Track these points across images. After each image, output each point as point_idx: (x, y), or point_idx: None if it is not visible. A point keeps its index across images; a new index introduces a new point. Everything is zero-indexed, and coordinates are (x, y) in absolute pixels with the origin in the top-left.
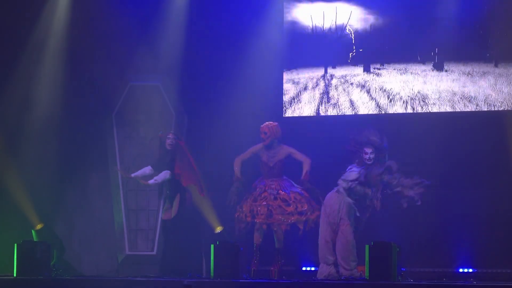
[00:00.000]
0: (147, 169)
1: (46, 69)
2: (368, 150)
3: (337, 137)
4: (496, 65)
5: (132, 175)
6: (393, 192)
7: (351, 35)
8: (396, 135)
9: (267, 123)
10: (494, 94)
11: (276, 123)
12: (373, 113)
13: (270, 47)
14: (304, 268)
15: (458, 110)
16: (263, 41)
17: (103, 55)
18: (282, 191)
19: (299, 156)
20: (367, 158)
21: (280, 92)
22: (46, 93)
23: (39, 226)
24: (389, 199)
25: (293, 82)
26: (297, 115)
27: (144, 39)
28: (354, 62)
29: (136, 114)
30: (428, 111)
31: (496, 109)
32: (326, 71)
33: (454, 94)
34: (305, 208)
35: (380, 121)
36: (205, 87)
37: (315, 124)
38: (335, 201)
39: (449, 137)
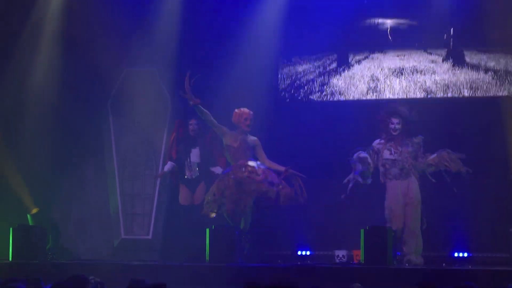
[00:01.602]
0: (170, 164)
1: (42, 56)
2: (395, 120)
3: (335, 122)
4: None
5: (160, 173)
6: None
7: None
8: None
9: (246, 110)
10: None
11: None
12: (371, 98)
13: (267, 33)
14: (299, 253)
15: (454, 95)
16: (261, 27)
17: (99, 41)
18: (249, 165)
19: (261, 155)
20: (393, 128)
21: (278, 78)
22: (42, 80)
23: (34, 211)
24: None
25: (292, 68)
26: (296, 100)
27: (140, 24)
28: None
29: (132, 100)
30: (425, 96)
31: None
32: (323, 57)
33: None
34: (276, 181)
35: (374, 108)
36: (201, 73)
37: (315, 109)
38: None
39: (445, 122)
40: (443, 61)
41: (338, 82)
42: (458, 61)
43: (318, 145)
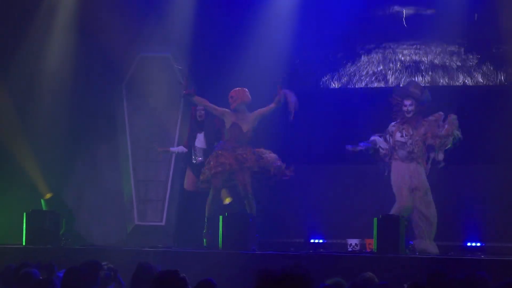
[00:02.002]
0: (181, 148)
1: (56, 39)
2: (407, 102)
3: (347, 109)
4: None
5: (171, 149)
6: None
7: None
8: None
9: (235, 89)
10: None
11: (245, 88)
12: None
13: (280, 20)
14: (312, 240)
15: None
16: (274, 14)
17: (113, 26)
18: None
19: (269, 107)
20: (406, 110)
21: (290, 65)
22: (56, 63)
23: (48, 196)
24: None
25: (304, 56)
26: (308, 88)
27: (154, 9)
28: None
29: (146, 85)
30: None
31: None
32: (335, 45)
33: None
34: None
35: (387, 94)
36: (215, 58)
37: (326, 96)
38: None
39: (457, 111)
40: (465, 53)
41: (349, 72)
42: (483, 54)
43: (330, 132)
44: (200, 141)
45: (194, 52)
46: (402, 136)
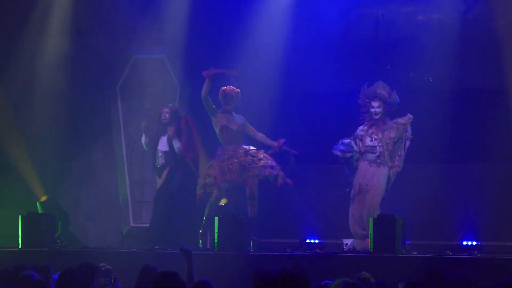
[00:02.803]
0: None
1: (51, 40)
2: (375, 104)
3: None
4: None
5: (143, 136)
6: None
7: None
8: (400, 109)
9: (231, 87)
10: None
11: (239, 90)
12: None
13: (276, 17)
14: (308, 241)
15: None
16: (270, 11)
17: (108, 27)
18: (251, 149)
19: (252, 130)
20: (374, 112)
21: (288, 62)
22: (51, 65)
23: (44, 198)
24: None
25: (301, 54)
26: (301, 92)
27: (148, 11)
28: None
29: (141, 86)
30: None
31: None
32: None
33: None
34: (274, 164)
35: None
36: (210, 59)
37: (320, 99)
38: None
39: (454, 111)
40: (463, 54)
41: (347, 72)
42: (482, 55)
43: (325, 133)
44: (163, 144)
45: (188, 54)
46: (371, 140)
